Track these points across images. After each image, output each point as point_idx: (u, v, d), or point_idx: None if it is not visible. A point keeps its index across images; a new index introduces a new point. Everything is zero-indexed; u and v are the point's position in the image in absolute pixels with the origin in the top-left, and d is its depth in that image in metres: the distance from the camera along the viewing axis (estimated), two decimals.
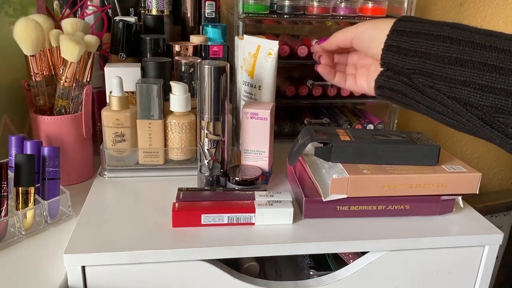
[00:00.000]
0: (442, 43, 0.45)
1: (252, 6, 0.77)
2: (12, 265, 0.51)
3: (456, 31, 0.45)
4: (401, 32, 0.48)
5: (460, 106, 0.44)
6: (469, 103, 0.43)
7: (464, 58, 0.43)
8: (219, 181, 0.63)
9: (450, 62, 0.44)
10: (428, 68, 0.46)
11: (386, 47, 0.49)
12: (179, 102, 0.66)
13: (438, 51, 0.45)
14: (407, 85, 0.48)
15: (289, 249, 0.53)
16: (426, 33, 0.46)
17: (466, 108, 0.44)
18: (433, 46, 0.45)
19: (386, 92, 0.51)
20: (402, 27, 0.48)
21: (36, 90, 0.66)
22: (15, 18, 0.64)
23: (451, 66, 0.44)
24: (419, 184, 0.57)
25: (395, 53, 0.48)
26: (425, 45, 0.46)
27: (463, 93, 0.43)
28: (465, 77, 0.43)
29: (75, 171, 0.69)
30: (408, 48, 0.47)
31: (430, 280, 0.59)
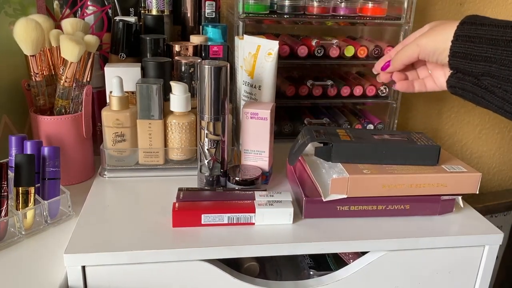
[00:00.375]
0: (505, 47, 0.47)
1: (252, 6, 0.77)
2: (12, 265, 0.51)
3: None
4: (465, 37, 0.50)
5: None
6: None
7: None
8: (219, 181, 0.63)
9: (507, 66, 0.47)
10: (494, 71, 0.48)
11: (452, 54, 0.51)
12: (179, 102, 0.66)
13: (502, 55, 0.47)
14: (477, 86, 0.51)
15: (289, 249, 0.53)
16: (490, 38, 0.48)
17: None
18: (497, 51, 0.48)
19: (458, 91, 0.54)
20: (465, 32, 0.50)
21: (36, 90, 0.66)
22: (15, 18, 0.64)
23: (509, 70, 0.47)
24: (419, 184, 0.57)
25: (461, 58, 0.51)
26: (490, 50, 0.48)
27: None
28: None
29: (75, 171, 0.69)
30: (473, 53, 0.49)
31: (430, 280, 0.59)
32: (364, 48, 0.83)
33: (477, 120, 1.15)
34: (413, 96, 1.08)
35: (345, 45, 0.83)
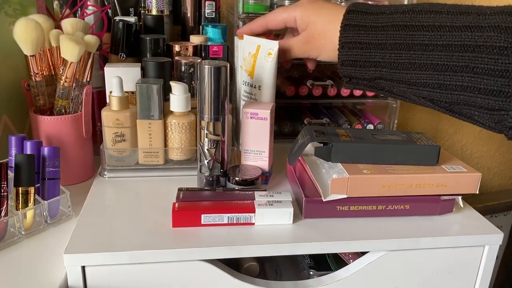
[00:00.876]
0: (392, 50, 0.46)
1: (252, 6, 0.77)
2: (12, 265, 0.51)
3: (404, 33, 0.45)
4: (350, 44, 0.49)
5: (426, 101, 0.47)
6: (432, 100, 0.46)
7: (415, 62, 0.45)
8: (219, 181, 0.63)
9: (404, 67, 0.45)
10: (385, 75, 0.47)
11: (341, 63, 0.50)
12: (179, 102, 0.66)
13: (390, 59, 0.46)
14: (373, 88, 0.51)
15: (289, 249, 0.53)
16: (376, 43, 0.47)
17: (432, 102, 0.46)
18: (385, 55, 0.47)
19: (357, 89, 0.55)
20: (350, 37, 0.49)
21: (36, 90, 0.66)
22: (15, 18, 0.64)
23: (406, 71, 0.45)
24: (419, 184, 0.57)
25: (351, 67, 0.50)
26: (378, 54, 0.47)
27: (424, 93, 0.45)
28: (421, 79, 0.45)
29: (75, 171, 0.69)
30: (362, 59, 0.48)
31: (430, 280, 0.59)
32: None
33: None
34: None
35: None
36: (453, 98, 0.43)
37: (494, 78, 0.40)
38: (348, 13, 0.49)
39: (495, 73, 0.40)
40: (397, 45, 0.45)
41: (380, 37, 0.46)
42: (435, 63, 0.43)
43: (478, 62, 0.41)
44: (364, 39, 0.47)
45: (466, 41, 0.41)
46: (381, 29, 0.46)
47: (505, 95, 0.40)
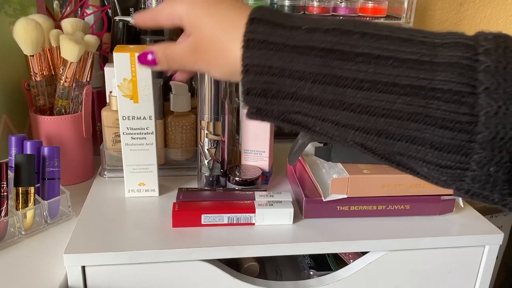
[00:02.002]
0: (314, 83, 0.35)
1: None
2: (12, 265, 0.51)
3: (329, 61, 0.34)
4: (257, 67, 0.36)
5: (357, 146, 0.36)
6: (366, 147, 0.36)
7: (345, 101, 0.34)
8: (219, 181, 0.63)
9: (329, 104, 0.34)
10: (304, 110, 0.36)
11: (246, 91, 0.37)
12: (179, 102, 0.66)
13: (311, 93, 0.34)
14: (289, 122, 0.38)
15: (289, 249, 0.53)
16: (292, 69, 0.35)
17: (365, 148, 0.36)
18: (304, 87, 0.34)
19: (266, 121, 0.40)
20: (256, 59, 0.36)
21: (36, 90, 0.66)
22: (15, 18, 0.64)
23: (332, 109, 0.34)
24: (419, 184, 0.57)
25: (260, 97, 0.37)
26: (293, 85, 0.35)
27: (356, 138, 0.35)
28: (352, 121, 0.34)
29: (75, 171, 0.69)
30: (275, 89, 0.36)
31: (430, 280, 0.59)
32: None
33: None
34: None
35: None
36: (395, 149, 0.34)
37: (452, 131, 0.31)
38: (251, 23, 0.36)
39: (454, 126, 0.31)
40: (320, 76, 0.34)
41: (297, 62, 0.35)
42: (374, 106, 0.33)
43: (432, 110, 0.31)
44: (276, 63, 0.35)
45: (417, 81, 0.32)
46: (297, 51, 0.35)
47: (465, 153, 0.31)
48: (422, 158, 0.34)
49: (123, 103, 0.56)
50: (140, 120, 0.57)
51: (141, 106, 0.57)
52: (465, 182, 0.33)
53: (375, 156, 0.36)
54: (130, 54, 0.54)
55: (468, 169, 0.32)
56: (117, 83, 0.56)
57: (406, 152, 0.34)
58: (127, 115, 0.57)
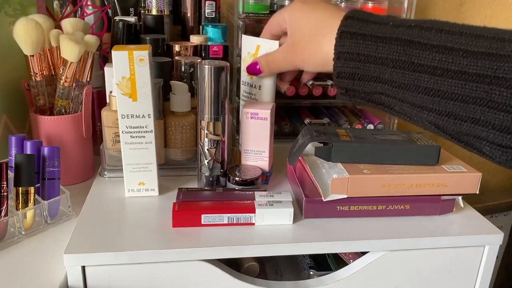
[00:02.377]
0: (395, 68, 0.41)
1: (252, 6, 0.77)
2: (12, 265, 0.51)
3: (409, 49, 0.41)
4: (347, 54, 0.44)
5: (431, 126, 0.42)
6: (438, 126, 0.41)
7: (421, 86, 0.40)
8: (219, 181, 0.63)
9: (407, 88, 0.41)
10: (387, 91, 0.42)
11: (337, 75, 0.45)
12: (179, 102, 0.66)
13: (392, 77, 0.41)
14: (373, 102, 0.45)
15: (289, 249, 0.53)
16: (376, 56, 0.42)
17: (438, 128, 0.42)
18: (386, 71, 0.41)
19: (354, 102, 0.48)
20: (347, 48, 0.44)
21: (36, 90, 0.66)
22: (15, 18, 0.64)
23: (410, 93, 0.41)
24: (419, 184, 0.57)
25: (348, 79, 0.44)
26: (377, 70, 0.42)
27: (430, 118, 0.41)
28: (426, 104, 0.40)
29: (75, 171, 0.69)
30: (360, 73, 0.43)
31: (430, 280, 0.59)
32: None
33: None
34: None
35: None
36: (462, 129, 0.40)
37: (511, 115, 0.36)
38: (346, 19, 0.44)
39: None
40: (400, 63, 0.41)
41: (381, 50, 0.41)
42: (444, 90, 0.39)
43: (495, 96, 0.37)
44: (363, 51, 0.42)
45: (483, 70, 0.37)
46: (382, 41, 0.42)
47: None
48: (486, 138, 0.39)
49: (122, 102, 0.56)
50: (139, 119, 0.57)
51: (140, 104, 0.57)
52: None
53: (446, 136, 0.42)
54: (128, 52, 0.54)
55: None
56: (116, 82, 0.56)
57: (472, 132, 0.39)
58: (126, 114, 0.57)
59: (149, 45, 0.59)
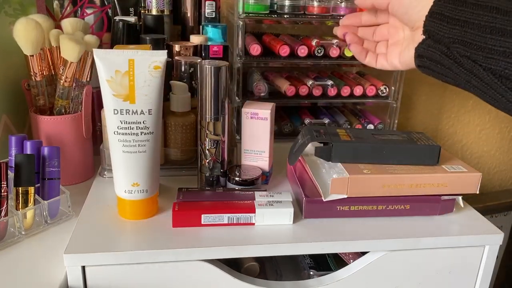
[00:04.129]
0: (488, 13, 0.43)
1: (252, 6, 0.77)
2: (12, 265, 0.51)
3: (505, 2, 0.43)
4: (448, 0, 0.46)
5: (494, 79, 0.43)
6: (505, 75, 0.42)
7: (507, 29, 0.41)
8: (219, 181, 0.63)
9: (492, 32, 0.42)
10: (468, 37, 0.44)
11: (430, 14, 0.47)
12: (179, 102, 0.66)
13: (482, 21, 0.43)
14: (445, 55, 0.47)
15: (289, 249, 0.53)
16: (474, 3, 0.44)
17: (500, 80, 0.43)
18: (478, 16, 0.43)
19: (425, 62, 0.50)
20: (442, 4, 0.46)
21: (36, 90, 0.66)
22: (15, 18, 0.64)
23: (492, 36, 0.42)
24: (419, 184, 0.57)
25: (438, 20, 0.46)
26: (470, 14, 0.44)
27: (499, 64, 0.42)
28: (505, 47, 0.41)
29: (75, 171, 0.69)
30: (452, 16, 0.45)
31: (430, 280, 0.59)
32: None
33: (477, 120, 1.15)
34: (413, 96, 1.08)
35: (345, 44, 0.82)
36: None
37: None
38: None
39: None
40: (494, 9, 0.42)
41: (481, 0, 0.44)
42: None
43: None
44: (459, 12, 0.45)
45: None
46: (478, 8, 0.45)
47: None
48: None
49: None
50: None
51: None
52: None
53: (502, 90, 0.43)
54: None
55: None
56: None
57: None
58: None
59: (150, 45, 0.59)
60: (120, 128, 0.52)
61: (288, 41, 0.83)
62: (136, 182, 0.55)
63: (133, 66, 0.51)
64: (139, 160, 0.54)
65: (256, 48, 0.78)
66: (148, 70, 0.51)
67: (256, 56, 0.79)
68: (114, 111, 0.52)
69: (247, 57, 0.79)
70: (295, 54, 0.81)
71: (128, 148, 0.53)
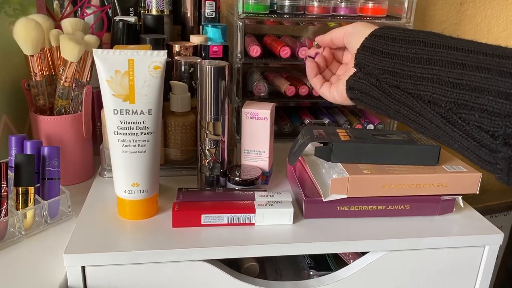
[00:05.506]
0: (416, 46, 0.45)
1: (252, 6, 0.77)
2: (12, 265, 0.51)
3: (431, 36, 0.45)
4: (379, 36, 0.49)
5: (424, 105, 0.44)
6: (433, 101, 0.43)
7: (434, 58, 0.43)
8: (219, 181, 0.63)
9: (420, 62, 0.44)
10: (397, 67, 0.46)
11: (361, 47, 0.50)
12: (179, 102, 0.66)
13: (410, 53, 0.45)
14: (375, 87, 0.48)
15: (289, 249, 0.53)
16: (402, 38, 0.46)
17: (429, 106, 0.43)
18: (407, 49, 0.45)
19: (356, 94, 0.51)
20: (381, 32, 0.49)
21: (36, 90, 0.66)
22: (15, 18, 0.64)
23: (420, 65, 0.44)
24: (419, 184, 0.57)
25: (368, 53, 0.49)
26: (399, 48, 0.46)
27: (428, 89, 0.43)
28: (432, 74, 0.43)
29: (75, 171, 0.69)
30: (382, 50, 0.47)
31: (430, 280, 0.59)
32: None
33: None
34: None
35: None
36: (457, 97, 0.41)
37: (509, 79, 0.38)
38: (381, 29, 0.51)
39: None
40: (421, 43, 0.45)
41: (409, 35, 0.46)
42: (453, 61, 0.42)
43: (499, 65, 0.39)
44: (392, 34, 0.48)
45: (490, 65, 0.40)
46: (412, 31, 0.47)
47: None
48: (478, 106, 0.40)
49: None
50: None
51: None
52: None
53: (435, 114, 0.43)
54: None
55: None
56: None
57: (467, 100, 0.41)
58: None
59: (149, 45, 0.59)
60: (120, 128, 0.52)
61: (290, 42, 0.83)
62: (136, 182, 0.55)
63: (133, 66, 0.51)
64: (139, 160, 0.54)
65: (255, 49, 0.78)
66: (148, 70, 0.51)
67: (256, 58, 0.79)
68: (114, 111, 0.52)
69: (246, 58, 0.79)
70: (295, 55, 0.81)
71: (128, 148, 0.53)
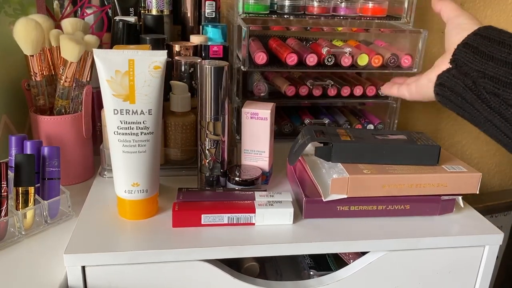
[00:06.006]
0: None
1: (252, 6, 0.77)
2: (12, 265, 0.51)
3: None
4: (484, 37, 0.45)
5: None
6: None
7: None
8: (219, 181, 0.63)
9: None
10: (500, 74, 0.41)
11: (462, 44, 0.46)
12: (179, 102, 0.66)
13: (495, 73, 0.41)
14: (470, 89, 0.44)
15: (289, 249, 0.53)
16: (507, 43, 0.42)
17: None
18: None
19: (446, 92, 0.47)
20: (487, 33, 0.45)
21: (36, 90, 0.66)
22: (15, 18, 0.64)
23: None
24: (419, 184, 0.57)
25: (469, 52, 0.45)
26: (507, 54, 0.42)
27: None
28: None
29: (75, 171, 0.69)
30: (486, 51, 0.43)
31: (430, 280, 0.59)
32: (379, 56, 0.78)
33: None
34: None
35: (358, 52, 0.78)
36: None
37: None
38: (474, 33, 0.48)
39: None
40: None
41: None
42: None
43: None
44: (500, 37, 0.44)
45: None
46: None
47: None
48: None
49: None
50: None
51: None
52: None
53: None
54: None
55: None
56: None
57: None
58: None
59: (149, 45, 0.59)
60: (120, 128, 0.52)
61: (296, 47, 0.80)
62: (136, 182, 0.55)
63: (133, 66, 0.51)
64: (139, 160, 0.54)
65: (261, 56, 0.74)
66: (148, 70, 0.51)
67: (262, 65, 0.75)
68: (114, 111, 0.52)
69: (251, 65, 0.75)
70: (303, 63, 0.76)
71: (128, 148, 0.53)
